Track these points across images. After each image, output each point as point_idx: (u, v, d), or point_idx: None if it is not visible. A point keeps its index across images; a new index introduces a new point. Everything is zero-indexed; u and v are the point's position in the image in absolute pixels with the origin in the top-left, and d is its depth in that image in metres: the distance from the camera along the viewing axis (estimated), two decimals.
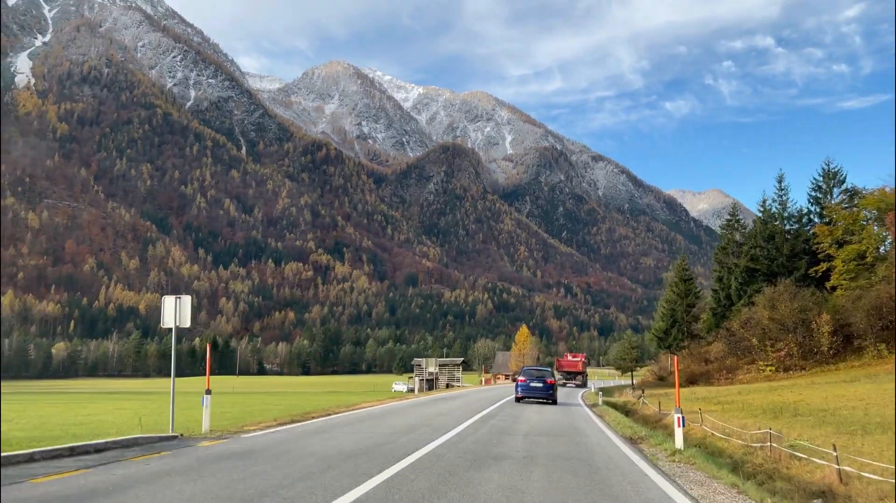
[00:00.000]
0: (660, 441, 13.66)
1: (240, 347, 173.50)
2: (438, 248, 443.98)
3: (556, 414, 21.72)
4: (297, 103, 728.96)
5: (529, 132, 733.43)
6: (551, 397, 28.29)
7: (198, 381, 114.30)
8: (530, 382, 28.37)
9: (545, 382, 28.39)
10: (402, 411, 20.95)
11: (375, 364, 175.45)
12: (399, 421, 16.92)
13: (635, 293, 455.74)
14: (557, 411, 23.21)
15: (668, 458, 11.08)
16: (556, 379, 70.61)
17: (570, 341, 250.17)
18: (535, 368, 31.75)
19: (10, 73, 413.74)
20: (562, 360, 76.98)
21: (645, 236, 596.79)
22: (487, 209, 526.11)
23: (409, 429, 14.50)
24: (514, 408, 23.49)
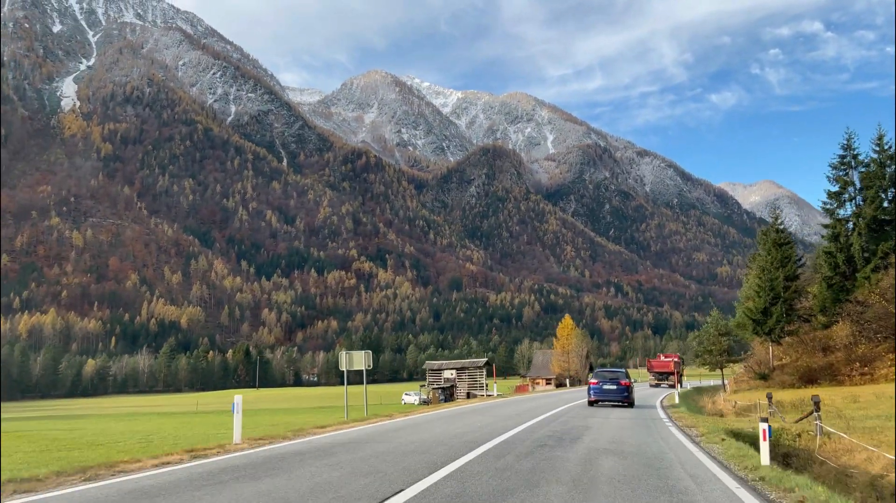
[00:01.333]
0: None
1: (275, 358, 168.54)
2: (482, 251, 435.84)
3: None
4: (336, 114, 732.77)
5: (571, 130, 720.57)
6: (627, 399, 27.05)
7: (220, 396, 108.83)
8: (603, 384, 27.36)
9: (619, 384, 27.28)
10: (357, 446, 12.67)
11: (417, 371, 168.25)
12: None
13: (689, 290, 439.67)
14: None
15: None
16: (649, 380, 63.36)
17: (622, 341, 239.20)
18: (608, 370, 30.52)
19: (56, 98, 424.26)
20: (653, 361, 76.68)
21: (696, 231, 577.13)
22: (531, 210, 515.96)
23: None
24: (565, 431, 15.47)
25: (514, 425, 16.47)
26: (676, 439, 13.54)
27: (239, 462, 9.97)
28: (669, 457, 10.50)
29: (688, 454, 11.05)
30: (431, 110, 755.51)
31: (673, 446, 12.20)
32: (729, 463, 9.90)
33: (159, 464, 9.75)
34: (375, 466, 9.06)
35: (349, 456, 10.41)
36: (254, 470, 9.02)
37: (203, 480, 8.11)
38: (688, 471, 9.03)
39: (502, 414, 21.51)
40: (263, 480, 8.01)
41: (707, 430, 15.11)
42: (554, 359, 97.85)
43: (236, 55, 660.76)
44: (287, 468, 9.13)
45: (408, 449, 11.17)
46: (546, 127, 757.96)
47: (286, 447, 12.18)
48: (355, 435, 14.48)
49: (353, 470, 8.69)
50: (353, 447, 11.77)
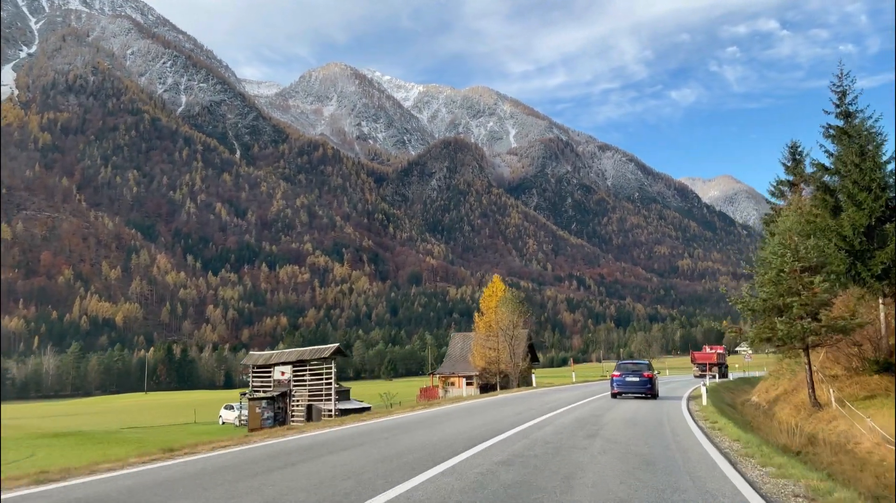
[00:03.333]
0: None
1: (202, 357, 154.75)
2: (443, 244, 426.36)
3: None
4: (294, 107, 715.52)
5: (533, 125, 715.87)
6: (650, 391, 26.88)
7: (111, 401, 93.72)
8: (626, 377, 27.28)
9: (642, 376, 27.18)
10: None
11: (365, 369, 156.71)
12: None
13: (651, 283, 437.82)
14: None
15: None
16: (693, 371, 63.36)
17: (585, 334, 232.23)
18: (631, 362, 30.16)
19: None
20: (696, 353, 78.83)
21: (657, 224, 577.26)
22: (493, 203, 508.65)
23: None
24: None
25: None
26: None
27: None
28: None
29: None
30: (392, 104, 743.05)
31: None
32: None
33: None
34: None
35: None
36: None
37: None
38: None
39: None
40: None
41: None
42: (475, 346, 62.16)
43: (189, 45, 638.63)
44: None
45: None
46: (508, 121, 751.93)
47: None
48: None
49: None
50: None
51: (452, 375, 68.35)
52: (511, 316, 58.62)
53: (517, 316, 59.75)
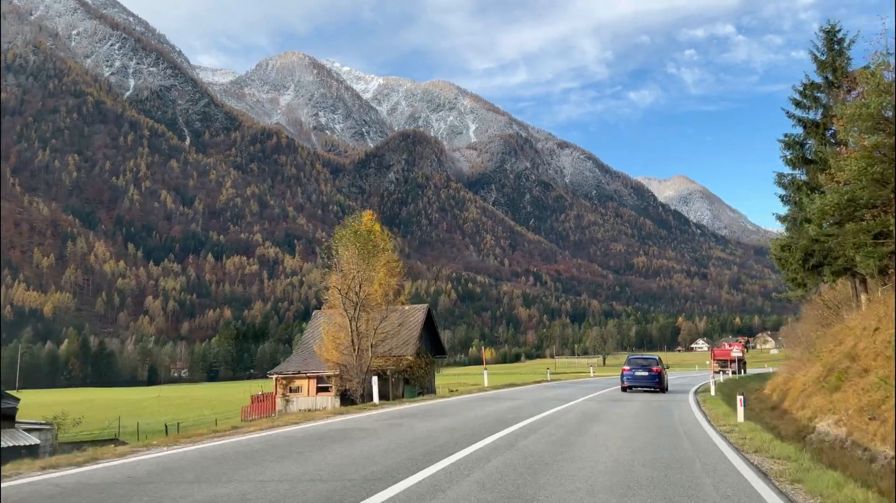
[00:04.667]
0: None
1: (125, 349, 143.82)
2: (400, 238, 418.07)
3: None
4: (250, 95, 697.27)
5: (493, 120, 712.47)
6: (659, 386, 27.35)
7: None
8: (635, 371, 27.72)
9: (651, 370, 27.61)
10: None
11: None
12: None
13: (607, 279, 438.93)
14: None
15: None
16: (713, 367, 59.84)
17: (539, 329, 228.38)
18: (641, 357, 30.60)
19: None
20: (716, 350, 79.37)
21: (614, 222, 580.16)
22: (451, 198, 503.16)
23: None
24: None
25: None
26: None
27: None
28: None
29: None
30: (351, 95, 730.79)
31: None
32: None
33: None
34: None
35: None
36: None
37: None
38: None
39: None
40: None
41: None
42: (325, 326, 37.91)
43: (140, 28, 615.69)
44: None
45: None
46: (468, 116, 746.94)
47: None
48: None
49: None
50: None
51: (298, 375, 41.73)
52: (366, 269, 34.08)
53: (389, 275, 36.25)
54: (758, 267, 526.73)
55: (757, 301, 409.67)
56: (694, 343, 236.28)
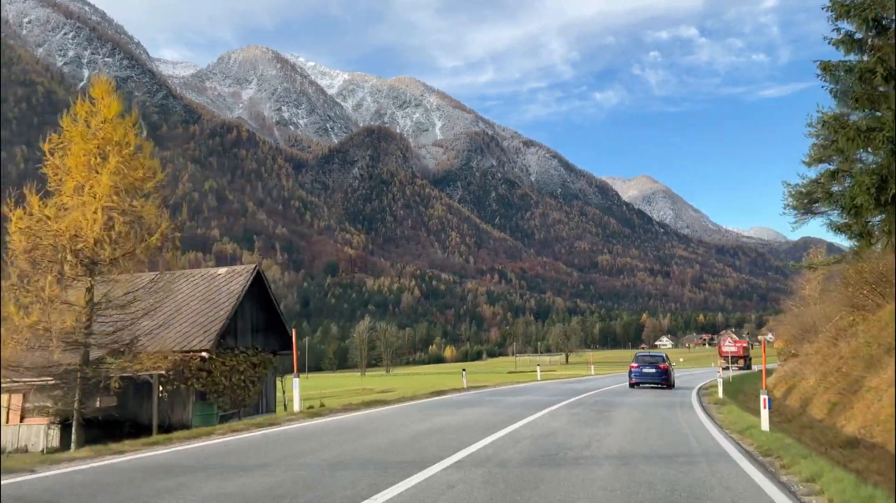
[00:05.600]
0: None
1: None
2: (363, 235, 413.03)
3: None
4: (211, 89, 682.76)
5: (459, 118, 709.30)
6: (665, 382, 28.37)
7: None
8: (643, 368, 28.71)
9: (658, 367, 28.65)
10: None
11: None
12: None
13: (571, 277, 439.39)
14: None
15: None
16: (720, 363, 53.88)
17: (503, 327, 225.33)
18: (648, 355, 32.19)
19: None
20: (721, 347, 75.26)
21: (578, 220, 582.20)
22: (417, 194, 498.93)
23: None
24: None
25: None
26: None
27: None
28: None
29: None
30: (315, 90, 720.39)
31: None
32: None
33: None
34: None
35: None
36: None
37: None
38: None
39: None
40: None
41: None
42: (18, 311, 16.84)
43: (96, 17, 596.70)
44: None
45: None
46: (435, 113, 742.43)
47: None
48: None
49: None
50: None
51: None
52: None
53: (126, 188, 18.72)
54: (719, 265, 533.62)
55: (719, 299, 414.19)
56: (658, 340, 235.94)
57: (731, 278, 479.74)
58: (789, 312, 39.22)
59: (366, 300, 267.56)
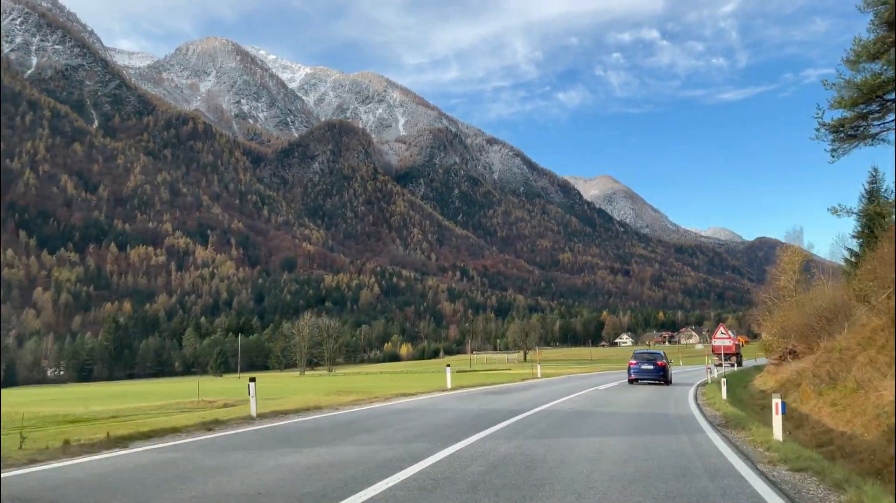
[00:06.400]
0: None
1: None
2: (323, 230, 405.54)
3: None
4: (168, 80, 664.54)
5: (423, 114, 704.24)
6: (663, 378, 29.26)
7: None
8: (641, 365, 29.41)
9: (656, 364, 29.32)
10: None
11: (196, 363, 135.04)
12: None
13: (533, 275, 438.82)
14: None
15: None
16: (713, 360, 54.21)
17: (462, 324, 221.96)
18: (646, 352, 32.09)
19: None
20: (714, 345, 72.07)
21: (541, 219, 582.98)
22: (378, 190, 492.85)
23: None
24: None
25: None
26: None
27: None
28: None
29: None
30: (276, 83, 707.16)
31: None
32: None
33: None
34: None
35: None
36: None
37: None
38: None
39: None
40: None
41: None
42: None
43: (46, 4, 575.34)
44: None
45: None
46: (398, 109, 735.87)
47: None
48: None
49: None
50: None
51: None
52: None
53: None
54: (678, 264, 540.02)
55: (677, 297, 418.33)
56: (618, 338, 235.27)
57: (690, 277, 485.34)
58: (780, 304, 36.04)
59: (323, 297, 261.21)
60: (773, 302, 37.13)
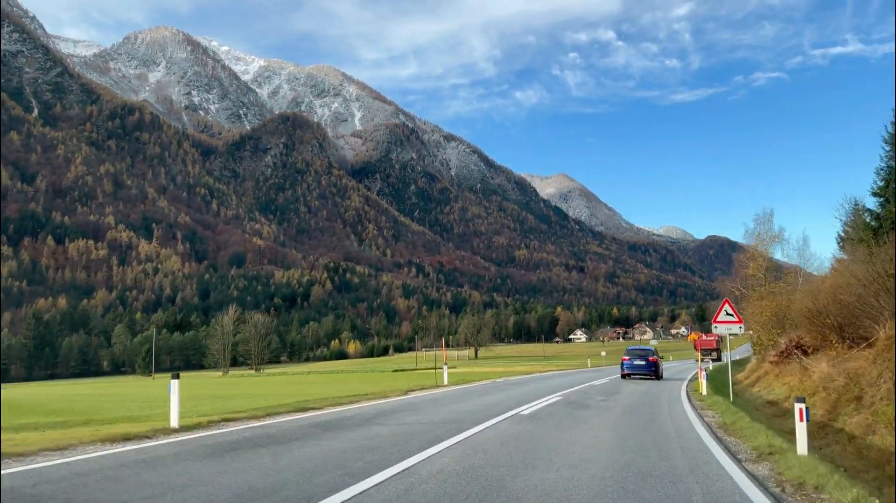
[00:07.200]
0: None
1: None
2: (275, 225, 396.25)
3: None
4: (116, 70, 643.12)
5: (380, 109, 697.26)
6: (654, 373, 29.81)
7: None
8: (633, 361, 30.34)
9: (647, 360, 30.22)
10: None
11: (126, 362, 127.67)
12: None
13: (489, 271, 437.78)
14: None
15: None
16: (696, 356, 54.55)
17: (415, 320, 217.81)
18: (638, 349, 32.84)
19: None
20: (697, 341, 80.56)
21: (497, 215, 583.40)
22: (333, 185, 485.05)
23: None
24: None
25: None
26: None
27: None
28: None
29: None
30: (228, 74, 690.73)
31: None
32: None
33: None
34: None
35: None
36: None
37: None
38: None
39: None
40: None
41: None
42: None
43: None
44: None
45: None
46: (354, 104, 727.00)
47: None
48: None
49: None
50: None
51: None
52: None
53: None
54: (631, 262, 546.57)
55: (631, 294, 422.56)
56: (572, 334, 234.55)
57: (643, 274, 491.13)
58: (751, 294, 33.07)
59: (272, 293, 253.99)
60: (742, 292, 34.45)
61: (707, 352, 72.77)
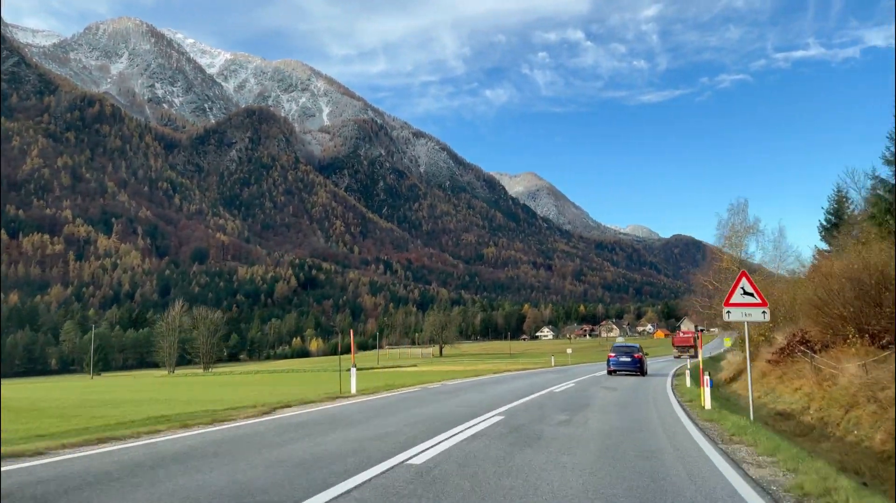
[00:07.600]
0: None
1: None
2: (239, 221, 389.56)
3: None
4: (76, 61, 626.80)
5: (348, 104, 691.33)
6: (639, 370, 30.78)
7: None
8: (619, 357, 31.14)
9: (633, 357, 31.12)
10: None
11: (74, 360, 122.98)
12: None
13: (457, 269, 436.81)
14: None
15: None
16: (673, 352, 70.73)
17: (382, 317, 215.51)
18: (624, 346, 33.65)
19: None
20: (675, 338, 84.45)
21: (466, 213, 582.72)
22: (300, 180, 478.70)
23: None
24: None
25: None
26: None
27: None
28: None
29: None
30: (193, 67, 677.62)
31: None
32: None
33: None
34: None
35: None
36: None
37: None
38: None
39: None
40: None
41: None
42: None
43: None
44: None
45: None
46: (322, 99, 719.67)
47: None
48: None
49: None
50: None
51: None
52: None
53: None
54: (598, 260, 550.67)
55: (598, 292, 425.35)
56: (539, 331, 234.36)
57: (609, 272, 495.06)
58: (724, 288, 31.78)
59: (235, 289, 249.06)
60: (715, 286, 33.45)
61: (683, 348, 75.90)
